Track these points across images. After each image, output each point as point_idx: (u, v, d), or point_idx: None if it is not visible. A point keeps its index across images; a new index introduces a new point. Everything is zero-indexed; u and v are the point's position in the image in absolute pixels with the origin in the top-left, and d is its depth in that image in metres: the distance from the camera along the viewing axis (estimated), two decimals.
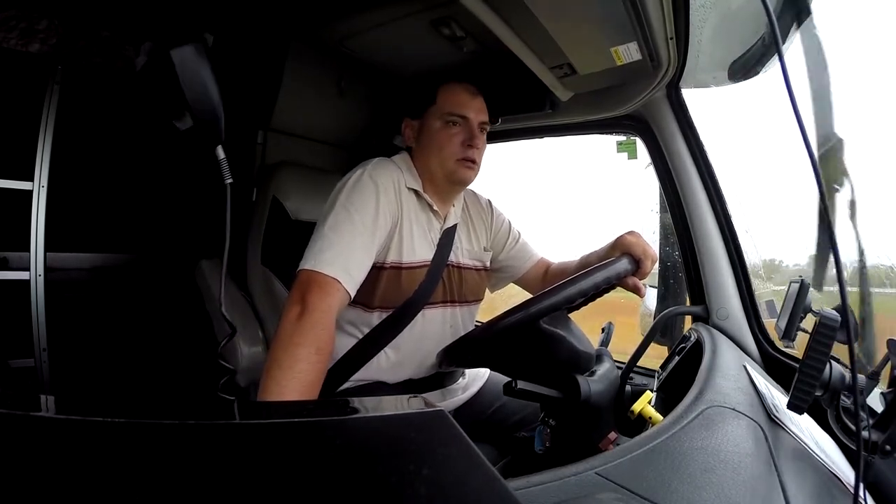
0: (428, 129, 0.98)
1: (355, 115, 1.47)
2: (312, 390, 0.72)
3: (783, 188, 1.13)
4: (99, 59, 1.34)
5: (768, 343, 1.07)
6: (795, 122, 0.41)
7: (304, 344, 0.72)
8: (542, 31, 0.85)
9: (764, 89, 1.03)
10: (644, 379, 1.27)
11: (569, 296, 0.67)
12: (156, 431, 0.22)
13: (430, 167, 0.98)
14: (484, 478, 0.25)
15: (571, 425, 0.70)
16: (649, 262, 0.84)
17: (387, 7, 0.98)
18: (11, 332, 1.31)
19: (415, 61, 1.21)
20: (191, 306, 1.28)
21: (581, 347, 0.70)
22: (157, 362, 1.56)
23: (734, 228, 1.12)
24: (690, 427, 0.57)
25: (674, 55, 0.95)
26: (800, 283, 0.80)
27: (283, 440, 0.23)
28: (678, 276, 1.34)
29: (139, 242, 1.61)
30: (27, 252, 1.32)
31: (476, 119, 0.99)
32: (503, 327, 0.65)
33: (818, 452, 0.64)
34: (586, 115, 1.25)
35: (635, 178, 1.43)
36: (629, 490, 0.46)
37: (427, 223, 0.99)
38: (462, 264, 1.05)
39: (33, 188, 1.31)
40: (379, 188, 0.89)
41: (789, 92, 0.41)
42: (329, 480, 0.23)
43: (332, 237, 0.83)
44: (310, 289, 0.77)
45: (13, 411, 0.22)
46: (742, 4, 0.87)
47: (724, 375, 0.75)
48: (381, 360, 0.95)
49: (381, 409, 0.30)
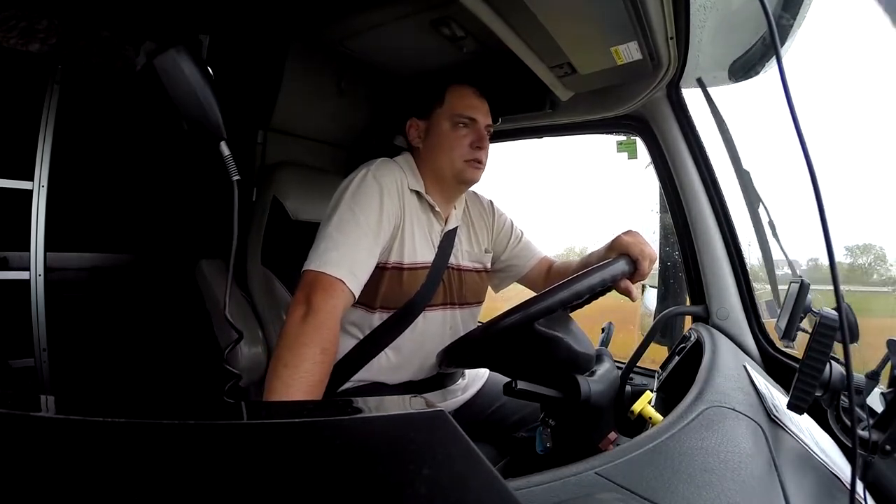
0: (437, 129, 0.99)
1: (355, 115, 1.47)
2: (318, 390, 0.73)
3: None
4: (98, 59, 1.34)
5: (768, 343, 1.07)
6: (792, 123, 0.41)
7: (309, 344, 0.73)
8: (542, 30, 0.85)
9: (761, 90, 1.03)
10: (644, 379, 1.27)
11: (563, 298, 0.66)
12: (156, 431, 0.22)
13: (438, 167, 0.98)
14: (484, 478, 0.25)
15: (571, 425, 0.70)
16: (647, 263, 0.82)
17: (387, 7, 0.98)
18: (11, 332, 1.31)
19: (415, 61, 1.21)
20: (191, 306, 1.28)
21: (580, 348, 0.70)
22: (157, 362, 1.56)
23: (734, 228, 1.12)
24: (690, 427, 0.57)
25: (674, 55, 0.95)
26: (800, 283, 0.80)
27: (283, 440, 0.23)
28: (678, 276, 1.34)
29: (139, 242, 1.61)
30: (27, 252, 1.32)
31: (483, 122, 1.00)
32: (502, 328, 0.65)
33: (818, 452, 0.64)
34: (586, 115, 1.25)
35: (635, 178, 1.44)
36: (629, 490, 0.46)
37: (428, 225, 0.99)
38: (462, 266, 1.05)
39: (33, 188, 1.31)
40: (383, 189, 0.89)
41: (786, 92, 0.41)
42: (329, 480, 0.23)
43: (338, 238, 0.83)
44: (315, 290, 0.77)
45: (13, 411, 0.22)
46: (742, 4, 0.87)
47: (724, 375, 0.75)
48: (382, 361, 0.95)
49: (381, 409, 0.30)
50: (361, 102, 1.45)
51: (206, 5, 1.11)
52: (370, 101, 1.47)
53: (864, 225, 1.55)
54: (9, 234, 1.32)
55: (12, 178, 1.29)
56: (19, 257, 1.33)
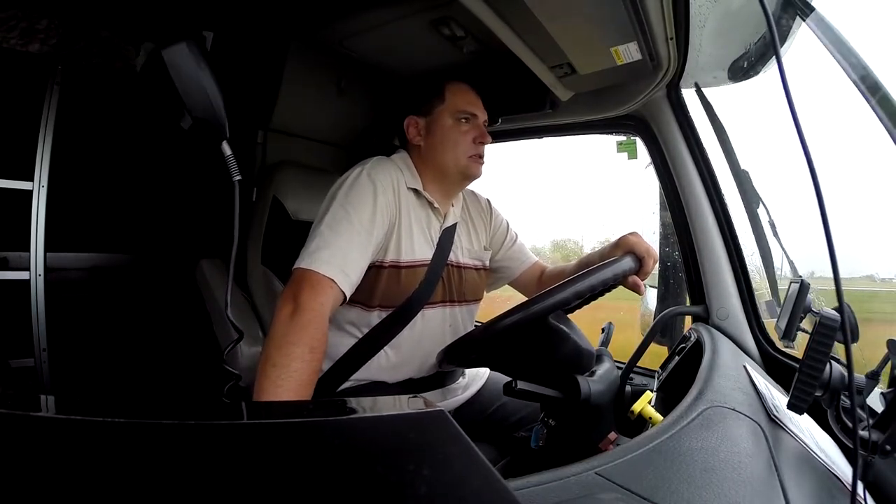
0: (439, 126, 0.99)
1: (355, 115, 1.47)
2: (307, 389, 0.72)
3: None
4: (98, 59, 1.34)
5: (768, 343, 1.07)
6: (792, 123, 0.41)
7: (297, 343, 0.72)
8: (542, 30, 0.85)
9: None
10: (644, 379, 1.27)
11: (578, 290, 0.67)
12: (156, 431, 0.22)
13: (442, 163, 0.99)
14: (484, 478, 0.25)
15: (571, 425, 0.70)
16: (651, 261, 0.85)
17: (387, 7, 0.98)
18: (11, 332, 1.31)
19: (415, 61, 1.21)
20: (191, 306, 1.28)
21: (584, 345, 0.70)
22: (158, 362, 1.56)
23: (734, 228, 1.12)
24: (690, 427, 0.57)
25: (674, 55, 0.95)
26: (800, 283, 0.80)
27: (283, 440, 0.23)
28: (678, 276, 1.34)
29: (139, 242, 1.61)
30: (27, 252, 1.32)
31: (482, 117, 1.01)
32: (505, 326, 0.65)
33: (818, 452, 0.64)
34: (586, 115, 1.26)
35: (635, 178, 1.44)
36: (629, 490, 0.45)
37: (427, 222, 0.99)
38: (462, 263, 1.05)
39: (33, 188, 1.31)
40: (377, 187, 0.89)
41: (786, 91, 0.41)
42: (329, 481, 0.23)
43: (329, 236, 0.83)
44: (302, 287, 0.77)
45: (13, 411, 0.22)
46: (742, 4, 0.87)
47: (724, 375, 0.75)
48: (381, 360, 0.95)
49: (380, 408, 0.30)
50: (361, 102, 1.45)
51: (205, 5, 1.11)
52: (370, 101, 1.47)
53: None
54: (9, 234, 1.31)
55: (12, 179, 1.28)
56: (19, 257, 1.33)
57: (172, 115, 0.68)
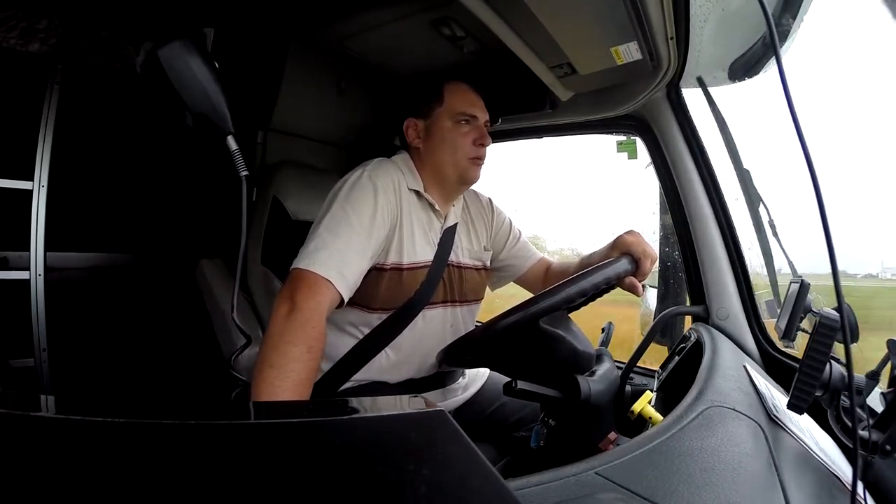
0: (439, 128, 0.98)
1: (355, 115, 1.47)
2: (305, 389, 0.72)
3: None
4: (98, 59, 1.34)
5: (768, 343, 1.07)
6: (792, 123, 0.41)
7: (295, 342, 0.72)
8: (542, 30, 0.85)
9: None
10: (644, 379, 1.27)
11: (568, 296, 0.67)
12: (156, 432, 0.22)
13: (441, 166, 0.98)
14: (484, 478, 0.25)
15: (571, 425, 0.70)
16: (648, 262, 0.84)
17: (387, 7, 0.98)
18: (11, 332, 1.31)
19: (415, 61, 1.20)
20: (191, 306, 1.28)
21: (581, 347, 0.70)
22: (158, 362, 1.56)
23: (734, 228, 1.12)
24: (690, 427, 0.57)
25: (674, 55, 0.95)
26: (800, 282, 0.80)
27: (283, 440, 0.23)
28: (678, 276, 1.34)
29: (139, 242, 1.61)
30: (27, 252, 1.31)
31: (482, 118, 1.00)
32: (503, 327, 0.65)
33: (818, 452, 0.64)
34: (586, 115, 1.25)
35: (635, 178, 1.44)
36: (629, 490, 0.45)
37: (428, 223, 0.99)
38: (462, 264, 1.05)
39: (33, 188, 1.31)
40: (378, 189, 0.89)
41: (786, 91, 0.41)
42: (329, 480, 0.23)
43: (328, 237, 0.82)
44: (299, 287, 0.77)
45: (13, 411, 0.22)
46: (742, 4, 0.87)
47: (724, 375, 0.75)
48: (382, 360, 0.95)
49: (381, 408, 0.30)
50: (361, 102, 1.45)
51: (205, 5, 1.11)
52: (370, 101, 1.47)
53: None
54: (9, 234, 1.31)
55: (12, 178, 1.28)
56: (19, 257, 1.33)
57: (175, 114, 0.68)
